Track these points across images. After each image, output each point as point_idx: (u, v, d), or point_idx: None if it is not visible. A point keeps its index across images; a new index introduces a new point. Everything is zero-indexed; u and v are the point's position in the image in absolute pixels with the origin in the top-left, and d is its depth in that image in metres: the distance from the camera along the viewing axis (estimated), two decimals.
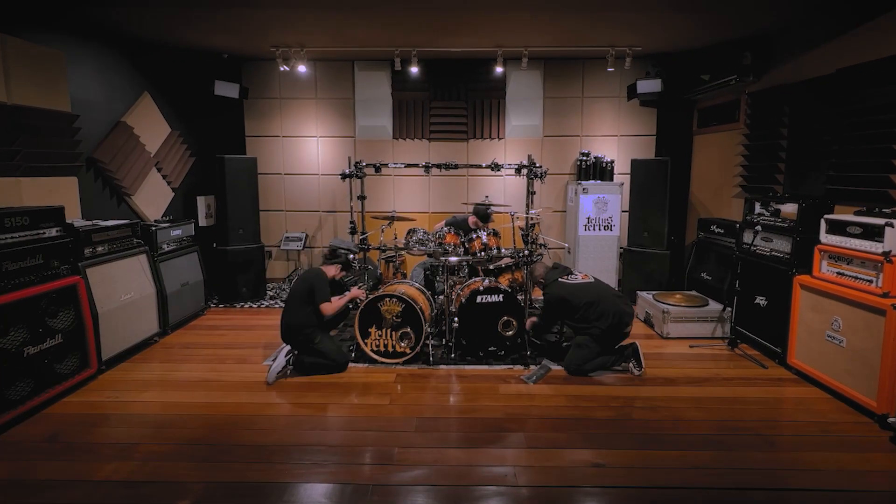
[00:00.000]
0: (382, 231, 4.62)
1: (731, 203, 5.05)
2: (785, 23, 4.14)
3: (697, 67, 5.25)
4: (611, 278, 5.54)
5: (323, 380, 3.46)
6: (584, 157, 5.71)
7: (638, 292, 4.88)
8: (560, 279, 3.75)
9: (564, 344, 3.94)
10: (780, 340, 3.63)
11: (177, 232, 4.59)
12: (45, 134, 3.63)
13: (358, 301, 3.77)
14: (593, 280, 3.78)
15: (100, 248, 3.64)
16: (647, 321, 4.60)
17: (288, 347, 3.56)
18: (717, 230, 4.82)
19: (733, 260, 4.26)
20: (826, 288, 3.25)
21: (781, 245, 3.77)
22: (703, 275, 4.93)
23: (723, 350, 3.97)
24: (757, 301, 3.93)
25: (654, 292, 4.71)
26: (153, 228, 4.27)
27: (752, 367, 3.67)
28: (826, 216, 3.34)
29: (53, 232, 3.22)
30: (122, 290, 3.78)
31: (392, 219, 4.72)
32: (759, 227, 4.00)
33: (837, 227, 3.24)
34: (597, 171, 5.68)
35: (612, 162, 5.68)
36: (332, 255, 3.77)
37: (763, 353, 3.85)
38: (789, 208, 3.76)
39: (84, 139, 4.00)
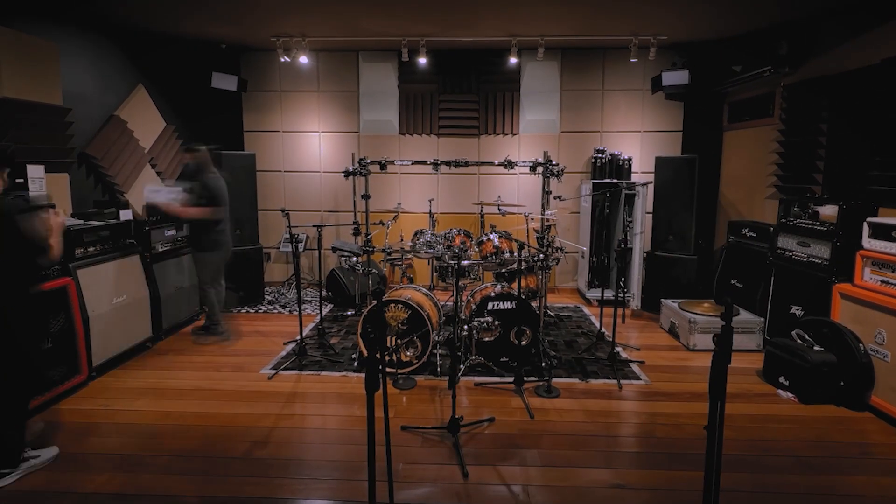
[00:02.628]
0: (388, 227, 4.64)
1: (764, 205, 5.01)
2: (822, 9, 4.11)
3: (728, 58, 5.22)
4: (635, 285, 5.51)
5: (325, 390, 3.49)
6: (600, 155, 5.71)
7: (662, 300, 4.85)
8: None
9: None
10: None
11: (171, 232, 4.66)
12: (37, 128, 3.72)
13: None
14: None
15: (91, 249, 3.72)
16: (672, 331, 4.58)
17: None
18: (749, 234, 4.78)
19: (767, 266, 4.23)
20: (869, 297, 3.21)
21: (820, 250, 3.73)
22: (733, 282, 4.89)
23: (754, 363, 3.93)
24: (793, 311, 3.89)
25: (679, 300, 4.68)
26: (147, 228, 4.34)
27: None
28: (869, 219, 3.30)
29: None
30: (114, 293, 3.85)
31: (397, 214, 4.75)
32: (795, 231, 3.96)
33: (882, 232, 3.20)
34: (612, 169, 5.67)
35: (630, 160, 5.67)
36: None
37: None
38: (829, 210, 3.72)
39: (76, 134, 4.09)
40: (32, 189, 3.44)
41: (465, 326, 3.76)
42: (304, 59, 5.37)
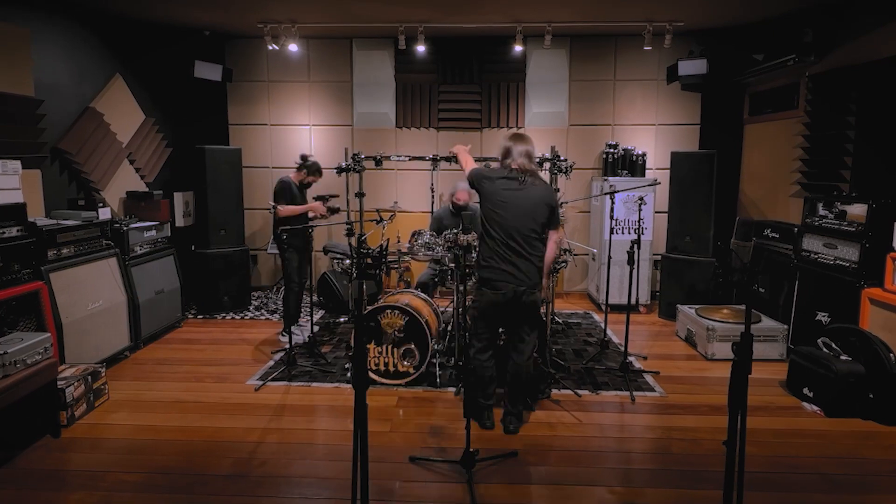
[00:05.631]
0: (384, 227, 4.65)
1: (788, 203, 5.02)
2: None
3: (749, 46, 5.24)
4: (644, 289, 5.52)
5: (316, 402, 3.50)
6: (612, 150, 5.72)
7: (678, 306, 4.86)
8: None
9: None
10: None
11: (151, 232, 4.68)
12: (6, 121, 3.73)
13: (318, 216, 4.48)
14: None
15: (65, 251, 3.73)
16: (689, 339, 4.58)
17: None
18: (771, 235, 4.80)
19: (790, 269, 4.24)
20: None
21: (847, 252, 3.74)
22: (754, 286, 4.90)
23: (777, 374, 3.93)
24: (818, 317, 3.90)
25: (696, 306, 4.69)
26: (124, 228, 4.35)
27: None
28: None
29: (14, 232, 3.31)
30: (90, 298, 3.86)
31: (394, 213, 4.76)
32: (821, 232, 3.97)
33: None
34: (625, 165, 5.68)
35: (644, 155, 5.69)
36: (302, 162, 4.49)
37: None
38: (857, 210, 3.73)
39: (49, 127, 4.10)
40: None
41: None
42: (293, 47, 5.39)
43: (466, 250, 3.04)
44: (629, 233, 5.45)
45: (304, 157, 4.50)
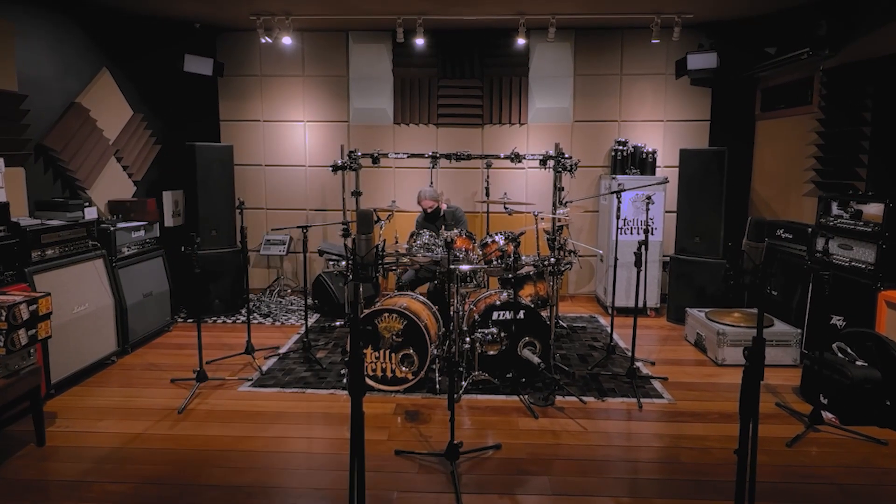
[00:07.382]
0: (381, 227, 4.66)
1: (801, 203, 5.03)
2: None
3: (761, 39, 5.25)
4: (652, 291, 5.52)
5: (311, 409, 3.50)
6: (621, 147, 5.73)
7: (687, 310, 4.86)
8: None
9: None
10: None
11: (139, 233, 4.68)
12: None
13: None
14: None
15: (49, 252, 3.73)
16: (699, 344, 4.59)
17: None
18: (784, 235, 4.80)
19: (804, 271, 4.24)
20: None
21: (863, 254, 3.74)
22: (767, 289, 4.91)
23: (790, 380, 3.94)
24: (833, 321, 3.90)
25: (706, 310, 4.69)
26: (111, 228, 4.36)
27: None
28: None
29: None
30: (75, 301, 3.86)
31: (392, 213, 4.76)
32: (835, 232, 3.97)
33: None
34: (635, 162, 5.69)
35: (654, 152, 5.70)
36: None
37: None
38: (873, 209, 3.73)
39: (33, 123, 4.11)
40: None
41: (468, 338, 3.77)
42: (287, 40, 5.40)
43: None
44: (638, 233, 5.46)
45: None
